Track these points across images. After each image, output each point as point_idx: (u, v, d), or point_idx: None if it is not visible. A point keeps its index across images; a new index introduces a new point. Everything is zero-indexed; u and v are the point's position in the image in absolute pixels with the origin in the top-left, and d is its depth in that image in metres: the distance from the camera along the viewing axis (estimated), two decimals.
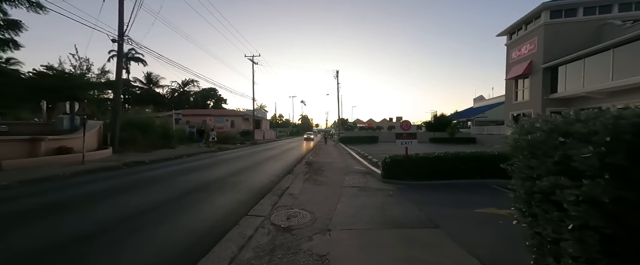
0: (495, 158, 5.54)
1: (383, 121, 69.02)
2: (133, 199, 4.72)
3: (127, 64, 46.49)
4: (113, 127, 11.23)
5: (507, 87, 21.37)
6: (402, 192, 5.12)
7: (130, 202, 4.56)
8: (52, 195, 4.99)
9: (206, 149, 15.61)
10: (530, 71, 18.36)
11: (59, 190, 5.31)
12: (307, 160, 11.02)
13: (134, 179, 6.63)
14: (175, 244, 2.88)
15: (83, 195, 5.04)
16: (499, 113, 28.19)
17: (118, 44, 11.06)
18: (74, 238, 3.00)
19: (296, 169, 8.47)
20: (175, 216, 3.81)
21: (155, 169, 8.27)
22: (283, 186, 5.75)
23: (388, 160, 6.00)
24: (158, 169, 8.18)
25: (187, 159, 11.03)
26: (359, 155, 11.94)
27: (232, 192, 5.33)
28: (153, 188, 5.64)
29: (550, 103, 17.31)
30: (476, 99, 37.94)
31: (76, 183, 6.00)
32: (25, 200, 4.59)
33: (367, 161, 9.87)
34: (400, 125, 6.05)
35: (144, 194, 5.11)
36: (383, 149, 16.88)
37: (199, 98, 52.96)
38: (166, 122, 16.88)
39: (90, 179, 6.47)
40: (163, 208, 4.22)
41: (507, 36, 21.45)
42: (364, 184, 5.98)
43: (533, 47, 18.23)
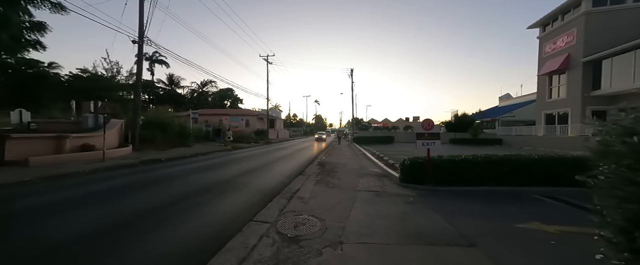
0: (535, 163, 4.82)
1: (399, 121, 66.97)
2: (139, 200, 4.64)
3: (152, 66, 49.21)
4: (133, 126, 11.65)
5: (540, 84, 19.54)
6: (424, 198, 4.58)
7: (136, 202, 4.48)
8: (68, 191, 5.07)
9: (221, 147, 15.82)
10: (568, 66, 16.58)
11: (76, 187, 5.41)
12: (320, 160, 10.66)
13: (146, 177, 6.66)
14: (175, 252, 2.64)
15: (87, 195, 5.06)
16: (529, 112, 25.94)
17: (138, 45, 11.44)
18: (63, 241, 2.87)
19: (308, 170, 8.13)
20: (179, 219, 3.62)
21: (170, 167, 8.35)
22: (293, 188, 5.43)
23: (407, 163, 5.46)
24: (172, 167, 8.24)
25: (201, 158, 11.14)
26: (374, 157, 11.37)
27: (240, 193, 5.10)
28: (162, 187, 5.58)
29: (591, 101, 15.49)
30: (502, 98, 35.39)
31: (91, 180, 6.12)
32: (43, 197, 4.68)
33: (383, 163, 9.31)
34: (421, 124, 5.49)
35: (152, 193, 5.04)
36: (399, 149, 16.09)
37: (217, 98, 54.77)
38: (184, 122, 17.37)
39: (106, 176, 6.60)
40: (167, 209, 4.06)
41: (540, 28, 19.60)
42: (381, 188, 5.49)
43: (571, 39, 16.44)
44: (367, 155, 12.21)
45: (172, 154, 11.50)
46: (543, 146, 16.86)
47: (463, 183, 5.07)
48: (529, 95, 29.29)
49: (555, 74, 17.87)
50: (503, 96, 35.67)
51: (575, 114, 16.12)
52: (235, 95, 56.83)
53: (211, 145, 16.76)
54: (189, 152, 12.73)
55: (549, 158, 4.82)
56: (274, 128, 39.18)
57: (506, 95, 35.45)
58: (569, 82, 16.65)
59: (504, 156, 5.09)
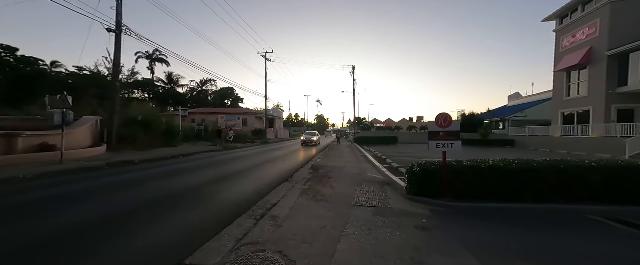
0: (592, 172, 3.55)
1: (402, 121, 65.52)
2: (54, 220, 3.50)
3: (152, 64, 48.71)
4: (110, 124, 10.58)
5: (556, 81, 18.06)
6: (442, 221, 3.35)
7: (45, 224, 3.33)
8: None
9: (212, 148, 14.73)
10: (589, 60, 15.12)
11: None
12: (314, 163, 9.46)
13: (96, 185, 5.53)
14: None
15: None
16: (541, 112, 24.42)
17: (115, 35, 10.37)
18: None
19: (297, 175, 6.94)
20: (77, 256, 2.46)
21: (139, 171, 7.23)
22: (270, 201, 4.25)
23: (417, 170, 4.24)
24: (141, 171, 7.12)
25: (184, 159, 10.01)
26: (375, 159, 10.14)
27: (198, 209, 3.92)
28: (105, 199, 4.44)
29: (617, 99, 14.02)
30: (511, 97, 33.81)
31: (24, 189, 5.01)
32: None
33: (386, 167, 8.08)
34: (436, 120, 4.25)
35: (83, 208, 3.90)
36: (403, 151, 14.81)
37: (217, 97, 54.06)
38: (173, 120, 16.33)
39: (49, 183, 5.47)
40: (80, 236, 2.91)
41: (557, 21, 18.13)
42: (382, 201, 4.27)
43: (593, 31, 14.98)
44: (367, 158, 10.97)
45: (153, 155, 10.41)
46: (562, 148, 15.43)
47: (491, 198, 3.83)
48: (541, 94, 27.72)
49: (575, 69, 16.40)
50: (512, 95, 34.09)
51: (598, 113, 14.66)
52: (236, 95, 56.08)
53: (202, 145, 15.68)
54: (174, 152, 11.64)
55: (613, 166, 3.55)
56: (273, 128, 38.11)
57: (516, 94, 33.88)
58: (591, 78, 15.18)
59: (548, 163, 3.83)
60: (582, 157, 12.98)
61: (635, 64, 13.26)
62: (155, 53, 46.15)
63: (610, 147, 12.57)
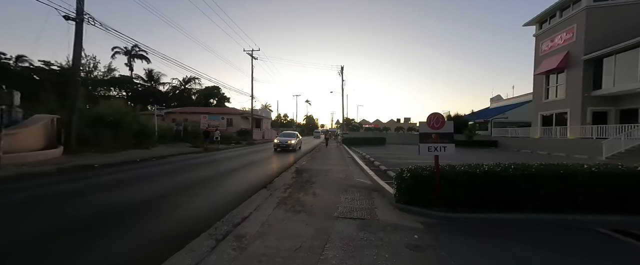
0: (595, 178, 3.26)
1: (390, 122, 66.43)
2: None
3: (131, 60, 46.02)
4: (68, 123, 9.39)
5: (536, 84, 18.66)
6: (437, 236, 2.91)
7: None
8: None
9: (191, 149, 13.72)
10: (567, 64, 15.68)
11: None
12: (299, 166, 8.88)
13: (28, 196, 4.64)
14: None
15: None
16: (522, 114, 25.30)
17: (76, 23, 9.23)
18: None
19: (278, 181, 6.33)
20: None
21: (91, 177, 6.29)
22: (240, 214, 3.63)
23: (407, 176, 3.79)
24: (93, 178, 6.19)
25: (153, 163, 9.06)
26: (363, 161, 9.73)
27: (140, 231, 3.18)
28: (31, 217, 3.63)
29: (592, 101, 14.60)
30: (493, 99, 34.97)
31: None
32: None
33: (373, 169, 7.66)
34: (427, 121, 3.83)
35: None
36: (391, 152, 14.59)
37: (201, 96, 52.02)
38: (149, 119, 15.10)
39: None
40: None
41: (537, 25, 18.76)
42: (369, 212, 3.79)
43: (571, 36, 15.56)
44: (355, 160, 10.55)
45: (118, 158, 9.37)
46: (542, 149, 15.89)
47: (488, 207, 3.45)
48: (521, 96, 28.82)
49: (553, 73, 16.99)
50: (494, 97, 35.29)
51: (574, 115, 15.22)
52: (222, 94, 54.27)
53: (180, 147, 14.59)
54: (145, 155, 10.61)
55: (618, 172, 3.27)
56: (260, 128, 37.06)
57: (497, 97, 35.09)
58: (568, 81, 15.75)
59: (548, 168, 3.51)
60: (561, 157, 13.38)
61: (608, 68, 13.86)
62: (134, 49, 43.57)
63: (587, 148, 12.99)
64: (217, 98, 53.46)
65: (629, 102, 13.61)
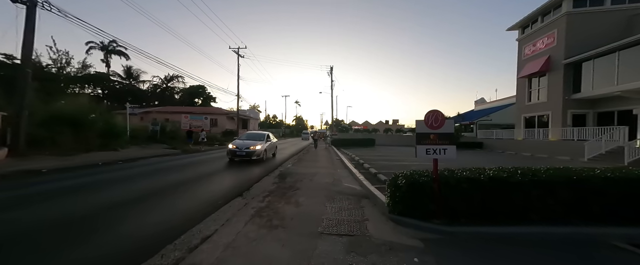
0: (609, 184, 2.89)
1: (379, 123, 67.07)
2: None
3: (108, 56, 43.25)
4: (16, 121, 8.15)
5: (519, 87, 19.15)
6: (441, 259, 2.39)
7: None
8: None
9: (167, 151, 12.62)
10: (548, 68, 16.13)
11: None
12: (283, 169, 8.22)
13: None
14: None
15: None
16: (505, 116, 26.06)
17: (26, 7, 8.06)
18: None
19: (257, 187, 5.65)
20: None
21: (29, 185, 5.26)
22: (201, 234, 2.94)
23: (402, 183, 3.28)
24: (31, 186, 5.18)
25: (117, 167, 8.03)
26: (352, 164, 9.22)
27: (63, 259, 2.46)
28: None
29: (572, 104, 15.05)
30: (477, 102, 36.02)
31: None
32: None
33: (363, 172, 7.15)
34: (425, 119, 3.35)
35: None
36: (382, 154, 14.24)
37: (185, 95, 49.82)
38: (120, 119, 13.79)
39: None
40: None
41: (519, 30, 19.29)
42: (359, 226, 3.23)
43: (552, 41, 16.03)
44: (344, 162, 10.03)
45: (78, 161, 8.25)
46: (526, 150, 16.20)
47: (494, 218, 3.00)
48: (505, 99, 29.78)
49: (535, 76, 17.46)
50: (478, 100, 36.35)
51: (556, 117, 15.65)
52: (208, 93, 52.25)
53: (155, 148, 13.42)
54: (111, 158, 9.50)
55: (635, 177, 2.93)
56: (246, 129, 35.85)
57: (481, 100, 36.17)
58: (550, 84, 16.21)
59: (560, 173, 3.12)
60: (544, 159, 13.62)
61: (587, 72, 14.34)
62: (111, 44, 40.95)
63: (569, 149, 13.30)
64: (202, 97, 51.40)
65: (606, 105, 14.13)
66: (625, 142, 10.96)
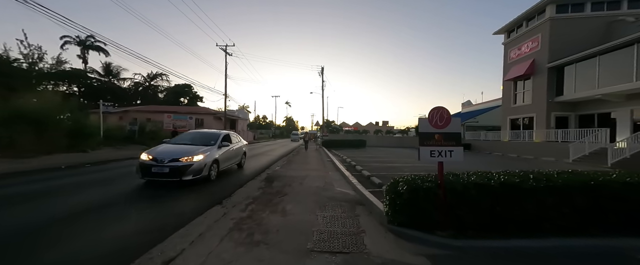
0: (628, 189, 2.63)
1: (369, 125, 67.52)
2: None
3: (85, 52, 40.69)
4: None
5: (505, 90, 19.63)
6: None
7: None
8: None
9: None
10: (533, 71, 16.58)
11: None
12: (271, 172, 7.68)
13: None
14: None
15: None
16: (492, 118, 26.76)
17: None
18: None
19: (240, 193, 5.10)
20: None
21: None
22: (164, 255, 2.39)
23: (403, 190, 2.88)
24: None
25: (83, 171, 7.16)
26: (344, 166, 8.83)
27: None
28: None
29: (555, 107, 15.52)
30: (464, 104, 36.92)
31: None
32: None
33: (356, 175, 6.76)
34: (428, 117, 2.98)
35: None
36: (373, 155, 13.98)
37: (170, 94, 47.77)
38: (95, 118, 12.66)
39: None
40: None
41: (505, 34, 19.81)
42: (354, 241, 2.79)
43: (536, 45, 16.50)
44: (335, 164, 9.62)
45: (35, 164, 7.31)
46: (512, 152, 16.52)
47: (503, 229, 2.67)
48: (491, 102, 30.64)
49: (521, 79, 17.92)
50: (465, 103, 37.27)
51: (540, 119, 16.07)
52: (194, 93, 50.43)
53: (131, 150, 12.40)
54: (78, 160, 8.56)
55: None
56: (234, 129, 34.77)
57: (467, 102, 37.11)
58: (534, 87, 16.66)
59: (575, 178, 2.83)
60: (529, 160, 13.90)
61: (569, 76, 14.82)
62: (89, 39, 38.56)
63: (553, 150, 13.62)
64: (188, 97, 49.54)
65: (587, 108, 14.65)
66: (608, 143, 11.31)
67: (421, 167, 8.36)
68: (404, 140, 28.00)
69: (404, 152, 16.91)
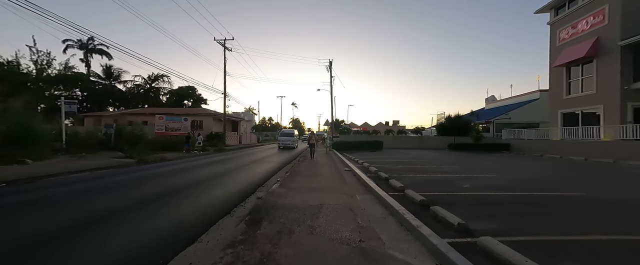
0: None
1: (379, 125, 64.23)
2: None
3: (88, 56, 39.64)
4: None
5: (553, 78, 16.26)
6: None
7: None
8: None
9: (110, 163, 9.18)
10: (597, 52, 13.24)
11: None
12: (263, 196, 4.91)
13: None
14: None
15: None
16: (525, 113, 23.29)
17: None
18: None
19: (200, 249, 2.34)
20: None
21: None
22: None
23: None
24: None
25: None
26: (371, 178, 5.94)
27: None
28: None
29: (633, 96, 12.14)
30: (488, 100, 33.32)
31: None
32: None
33: (402, 201, 3.88)
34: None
35: None
36: (400, 160, 10.96)
37: (174, 97, 46.21)
38: (30, 118, 10.16)
39: None
40: None
41: (552, 12, 16.47)
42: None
43: (601, 20, 13.18)
44: (358, 176, 6.77)
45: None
46: (568, 153, 13.20)
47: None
48: (521, 96, 27.05)
49: (576, 64, 14.57)
50: (489, 98, 33.67)
51: (610, 112, 12.70)
52: (199, 95, 48.74)
53: (101, 158, 9.96)
54: (4, 175, 6.07)
55: None
56: (237, 132, 32.44)
57: (491, 98, 33.52)
58: (599, 72, 13.30)
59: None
60: (608, 164, 9.96)
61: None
62: (90, 42, 37.34)
63: (636, 151, 10.31)
64: (192, 99, 47.92)
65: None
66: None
67: (506, 184, 5.47)
68: (424, 140, 24.72)
69: (436, 157, 13.81)
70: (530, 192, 4.91)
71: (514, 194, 4.72)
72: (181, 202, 4.48)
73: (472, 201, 4.10)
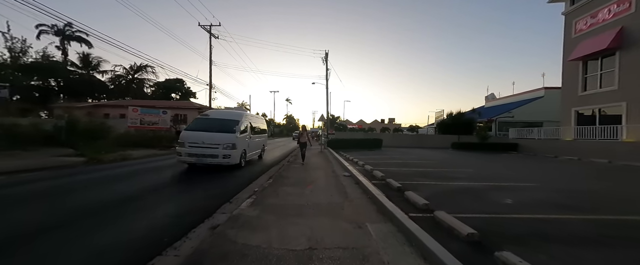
0: None
1: (374, 122, 62.99)
2: None
3: (65, 43, 36.28)
4: None
5: (567, 73, 15.03)
6: None
7: None
8: None
9: (52, 162, 7.26)
10: (621, 44, 11.99)
11: None
12: (229, 218, 3.21)
13: None
14: None
15: None
16: (528, 112, 22.24)
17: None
18: None
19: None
20: None
21: None
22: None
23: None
24: None
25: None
26: (374, 185, 4.31)
27: None
28: None
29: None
30: (488, 98, 32.33)
31: None
32: None
33: (424, 222, 2.20)
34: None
35: None
36: (405, 161, 9.33)
37: (160, 90, 43.37)
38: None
39: None
40: None
41: (567, 2, 15.17)
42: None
43: (627, 7, 11.89)
44: (360, 182, 5.14)
45: None
46: (584, 154, 12.03)
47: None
48: (523, 94, 26.05)
49: (594, 58, 13.34)
50: (488, 96, 32.69)
51: (635, 110, 11.51)
52: (188, 88, 46.07)
53: (39, 156, 7.97)
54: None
55: None
56: None
57: (491, 96, 32.55)
58: (624, 66, 12.07)
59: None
60: (636, 168, 9.12)
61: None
62: (67, 28, 34.02)
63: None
64: (180, 92, 45.20)
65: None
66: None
67: (565, 200, 3.93)
68: (424, 139, 23.39)
69: (443, 157, 12.35)
70: (613, 215, 3.39)
71: (595, 217, 3.19)
72: (87, 232, 2.72)
73: (544, 234, 2.52)
